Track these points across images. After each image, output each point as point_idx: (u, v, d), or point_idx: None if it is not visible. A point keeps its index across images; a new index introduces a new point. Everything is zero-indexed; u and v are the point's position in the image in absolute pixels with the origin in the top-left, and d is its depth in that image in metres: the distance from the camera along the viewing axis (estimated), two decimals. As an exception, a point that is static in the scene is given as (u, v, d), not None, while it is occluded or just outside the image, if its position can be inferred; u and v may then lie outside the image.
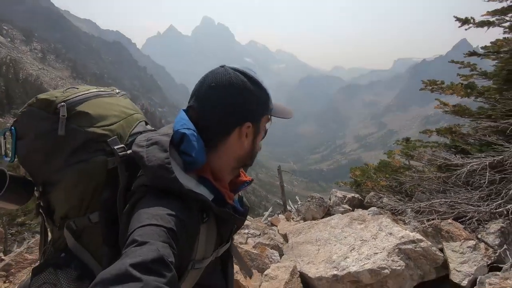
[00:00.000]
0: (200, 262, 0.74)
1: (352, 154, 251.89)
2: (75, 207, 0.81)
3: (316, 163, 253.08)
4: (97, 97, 0.88)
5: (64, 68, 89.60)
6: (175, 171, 0.69)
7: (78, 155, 0.79)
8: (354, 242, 3.31)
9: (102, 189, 0.79)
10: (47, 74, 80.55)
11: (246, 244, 4.18)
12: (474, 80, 4.56)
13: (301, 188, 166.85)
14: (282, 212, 6.98)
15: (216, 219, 0.77)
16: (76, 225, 0.81)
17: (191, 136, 0.76)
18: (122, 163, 0.78)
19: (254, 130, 0.81)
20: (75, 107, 0.81)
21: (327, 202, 4.82)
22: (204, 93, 0.79)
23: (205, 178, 0.77)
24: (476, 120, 3.87)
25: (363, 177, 4.85)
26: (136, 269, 0.48)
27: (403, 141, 4.96)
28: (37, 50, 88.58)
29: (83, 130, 0.80)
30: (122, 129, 0.86)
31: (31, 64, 79.25)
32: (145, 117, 1.01)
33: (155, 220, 0.60)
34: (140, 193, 0.70)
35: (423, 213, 3.35)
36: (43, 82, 69.18)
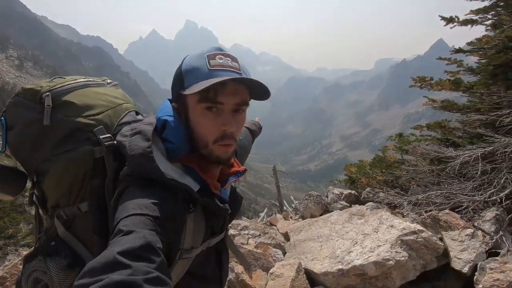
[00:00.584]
0: (188, 251, 0.73)
1: (339, 154, 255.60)
2: (65, 197, 0.81)
3: (304, 163, 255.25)
4: (84, 87, 0.87)
5: (43, 75, 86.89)
6: (157, 160, 0.68)
7: (64, 145, 0.79)
8: (356, 237, 3.37)
9: (90, 179, 0.79)
10: (25, 82, 77.78)
11: (247, 244, 4.17)
12: (461, 76, 4.77)
13: (289, 189, 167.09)
14: (279, 212, 7.02)
15: (204, 209, 0.76)
16: (66, 214, 0.81)
17: (172, 122, 0.76)
18: (109, 153, 0.78)
19: (184, 110, 0.77)
20: (60, 96, 0.81)
21: (325, 199, 4.89)
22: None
23: (191, 168, 0.75)
24: (466, 114, 4.04)
25: (359, 173, 4.95)
26: (124, 256, 0.48)
27: (397, 136, 5.10)
28: (14, 58, 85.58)
29: (68, 120, 0.79)
30: (110, 118, 0.85)
31: (7, 72, 76.49)
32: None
33: (139, 209, 0.60)
34: (126, 182, 0.70)
35: (421, 205, 3.46)
36: (21, 90, 66.70)
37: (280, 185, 8.52)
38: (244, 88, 0.75)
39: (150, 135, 0.72)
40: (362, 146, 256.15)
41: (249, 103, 0.78)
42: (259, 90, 0.77)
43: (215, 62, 0.72)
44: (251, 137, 1.38)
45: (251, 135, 1.39)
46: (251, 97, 0.78)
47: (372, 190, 4.57)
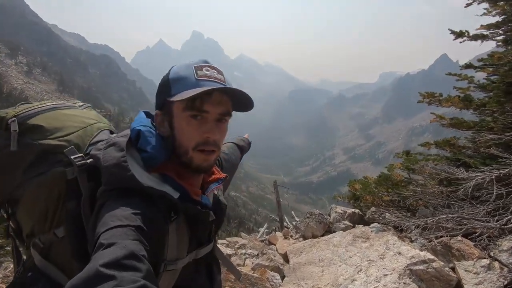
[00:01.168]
0: (173, 263, 0.72)
1: (341, 166, 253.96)
2: (40, 223, 0.79)
3: (306, 175, 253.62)
4: (52, 109, 0.87)
5: (51, 82, 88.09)
6: (132, 169, 0.67)
7: (35, 169, 0.78)
8: (360, 263, 3.13)
9: (65, 201, 0.77)
10: (33, 88, 78.94)
11: (244, 266, 3.93)
12: (470, 92, 4.59)
13: (291, 200, 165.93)
14: (279, 229, 6.76)
15: (187, 217, 0.76)
16: (42, 242, 0.78)
17: (146, 132, 0.76)
18: (83, 173, 0.76)
19: (168, 118, 0.77)
20: (27, 121, 0.80)
21: (327, 218, 4.65)
22: None
23: (168, 176, 0.75)
24: (477, 133, 3.84)
25: (364, 191, 4.72)
26: (108, 268, 0.46)
27: (403, 154, 4.88)
28: (23, 64, 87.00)
29: (37, 143, 0.78)
30: (81, 138, 0.83)
31: (16, 78, 77.64)
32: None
33: (119, 221, 0.59)
34: (103, 198, 0.68)
35: (430, 230, 3.22)
36: (28, 96, 67.64)
37: (281, 198, 8.26)
38: (228, 100, 0.76)
39: (124, 146, 0.71)
40: (365, 159, 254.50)
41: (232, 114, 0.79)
42: (242, 101, 0.78)
43: (202, 73, 0.74)
44: (239, 153, 1.37)
45: (240, 151, 1.38)
46: (234, 108, 0.79)
47: (377, 210, 4.34)
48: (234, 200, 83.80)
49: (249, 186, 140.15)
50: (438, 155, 4.59)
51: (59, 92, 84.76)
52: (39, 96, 74.63)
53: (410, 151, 4.90)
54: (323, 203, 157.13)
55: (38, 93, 77.51)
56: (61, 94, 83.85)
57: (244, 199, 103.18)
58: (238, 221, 56.37)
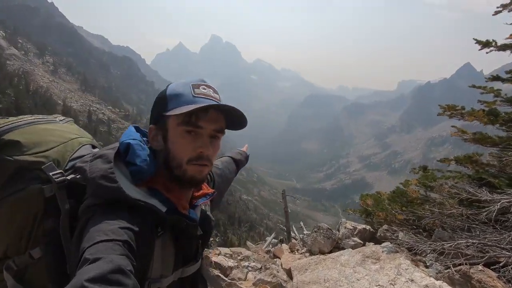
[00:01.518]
0: (157, 281, 0.70)
1: (356, 174, 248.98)
2: (14, 244, 0.75)
3: (319, 181, 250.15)
4: (30, 124, 0.84)
5: (74, 81, 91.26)
6: (119, 181, 0.66)
7: (10, 186, 0.74)
8: (369, 287, 2.91)
9: (42, 220, 0.74)
10: (57, 86, 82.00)
11: (246, 280, 3.77)
12: (497, 106, 4.26)
13: (303, 206, 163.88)
14: (285, 241, 6.55)
15: (173, 233, 0.74)
16: (17, 264, 0.75)
17: (136, 145, 0.75)
18: (62, 189, 0.73)
19: (162, 132, 0.76)
20: (2, 136, 0.78)
21: (336, 234, 4.42)
22: None
23: (156, 190, 0.74)
24: (504, 150, 3.53)
25: (376, 207, 4.46)
26: (93, 283, 0.45)
27: (420, 169, 4.58)
28: (49, 63, 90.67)
29: (12, 159, 0.75)
30: (61, 154, 0.81)
31: (42, 77, 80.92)
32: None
33: (105, 235, 0.57)
34: (87, 214, 0.66)
35: (447, 256, 2.95)
36: (53, 94, 70.31)
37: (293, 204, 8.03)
38: (222, 117, 0.77)
39: (111, 158, 0.70)
40: (381, 168, 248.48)
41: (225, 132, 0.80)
42: (237, 119, 0.79)
43: (199, 90, 0.76)
44: (235, 167, 1.34)
45: (236, 165, 1.35)
46: (228, 126, 0.81)
47: (390, 228, 4.08)
48: (246, 203, 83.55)
49: (261, 190, 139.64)
50: (459, 173, 4.27)
51: (81, 91, 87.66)
52: (63, 95, 77.47)
53: (428, 167, 4.60)
54: (335, 211, 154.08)
55: (62, 92, 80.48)
56: (83, 93, 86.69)
57: (255, 203, 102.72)
58: (248, 225, 56.09)
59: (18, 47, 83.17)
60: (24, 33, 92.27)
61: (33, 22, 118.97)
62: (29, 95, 58.53)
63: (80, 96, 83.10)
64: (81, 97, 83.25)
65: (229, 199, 72.27)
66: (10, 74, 59.06)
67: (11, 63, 70.94)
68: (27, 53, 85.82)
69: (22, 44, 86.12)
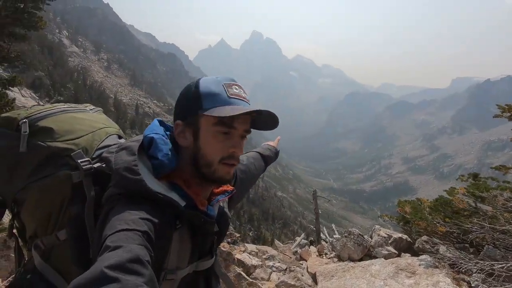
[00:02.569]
0: (173, 272, 0.72)
1: (399, 177, 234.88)
2: (43, 225, 0.79)
3: (358, 182, 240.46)
4: (63, 112, 0.88)
5: (124, 76, 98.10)
6: (142, 173, 0.68)
7: (41, 171, 0.78)
8: (400, 304, 2.66)
9: (69, 205, 0.77)
10: (109, 81, 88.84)
11: (269, 280, 3.69)
12: None
13: (339, 207, 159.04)
14: (314, 243, 6.33)
15: (190, 227, 0.76)
16: (44, 244, 0.79)
17: (159, 139, 0.77)
18: (88, 177, 0.77)
19: (193, 129, 0.77)
20: (37, 122, 0.81)
21: (368, 240, 4.14)
22: None
23: (176, 184, 0.76)
24: None
25: (415, 215, 4.07)
26: (112, 270, 0.47)
27: (469, 177, 4.06)
28: (104, 60, 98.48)
29: (45, 145, 0.79)
30: (88, 142, 0.84)
31: (97, 72, 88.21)
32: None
33: (126, 225, 0.59)
34: (111, 203, 0.69)
35: (498, 278, 2.58)
36: (106, 88, 76.33)
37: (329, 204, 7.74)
38: (249, 118, 0.79)
39: (136, 150, 0.73)
40: (428, 172, 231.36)
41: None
42: (270, 121, 0.81)
43: (233, 91, 0.77)
44: (262, 164, 1.30)
45: (264, 161, 1.31)
46: (258, 127, 0.84)
47: (430, 240, 3.70)
48: (280, 200, 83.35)
49: (296, 188, 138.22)
50: (518, 183, 3.71)
51: (130, 86, 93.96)
52: (114, 89, 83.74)
53: (479, 174, 4.07)
54: (374, 214, 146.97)
55: (114, 86, 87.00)
56: (132, 88, 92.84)
57: (290, 200, 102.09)
58: (282, 222, 55.94)
59: (78, 45, 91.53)
60: (84, 32, 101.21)
61: (91, 22, 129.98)
62: (85, 89, 64.18)
63: (129, 91, 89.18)
64: (130, 91, 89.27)
65: (264, 194, 72.68)
66: (71, 69, 65.23)
67: (72, 60, 78.34)
68: (85, 50, 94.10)
69: (82, 43, 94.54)
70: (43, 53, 53.68)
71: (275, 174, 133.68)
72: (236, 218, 43.87)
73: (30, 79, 38.25)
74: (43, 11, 10.76)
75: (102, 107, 1.00)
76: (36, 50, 49.13)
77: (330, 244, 4.97)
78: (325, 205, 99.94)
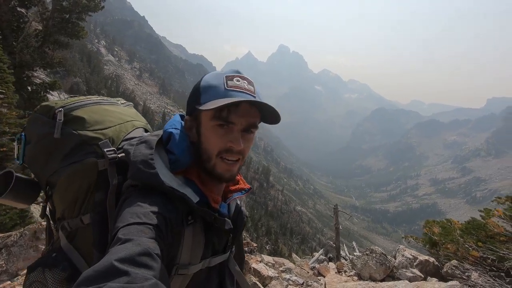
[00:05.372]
0: (185, 267, 0.72)
1: (426, 199, 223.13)
2: (70, 208, 0.83)
3: (382, 202, 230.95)
4: (96, 104, 0.92)
5: (154, 85, 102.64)
6: (157, 167, 0.70)
7: (71, 157, 0.82)
8: (425, 330, 2.47)
9: (94, 191, 0.81)
10: (140, 89, 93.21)
11: (284, 293, 3.58)
12: None
13: (361, 226, 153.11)
14: (333, 259, 6.09)
15: (204, 223, 0.77)
16: (70, 226, 0.83)
17: (177, 135, 0.79)
18: (112, 165, 0.80)
19: (196, 125, 0.78)
20: (71, 112, 0.86)
21: (391, 260, 3.92)
22: None
23: (191, 180, 0.77)
24: None
25: (445, 237, 3.81)
26: (122, 263, 0.48)
27: (507, 199, 3.77)
28: (136, 69, 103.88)
29: (76, 133, 0.83)
30: (116, 133, 0.88)
31: (130, 80, 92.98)
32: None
33: (138, 218, 0.60)
34: (127, 193, 0.71)
35: (538, 312, 2.33)
36: (136, 96, 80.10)
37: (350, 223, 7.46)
38: (256, 111, 0.77)
39: (154, 145, 0.74)
40: (458, 195, 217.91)
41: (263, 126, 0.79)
42: (271, 114, 0.78)
43: (233, 83, 0.75)
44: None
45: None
46: (264, 120, 0.81)
47: (460, 265, 3.44)
48: (300, 215, 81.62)
49: (316, 203, 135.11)
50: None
51: (159, 94, 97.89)
52: (144, 96, 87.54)
53: (518, 197, 3.76)
54: (398, 236, 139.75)
55: (144, 94, 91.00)
56: (160, 96, 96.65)
57: (310, 216, 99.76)
58: (301, 237, 54.54)
59: (114, 54, 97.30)
60: (120, 42, 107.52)
61: (128, 33, 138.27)
62: (118, 95, 67.68)
63: (157, 99, 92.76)
64: (158, 99, 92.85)
65: (283, 208, 71.59)
66: (106, 77, 69.34)
67: (107, 68, 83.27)
68: (120, 59, 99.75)
69: (117, 52, 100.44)
70: (82, 60, 57.68)
71: (295, 188, 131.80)
72: (253, 230, 43.43)
73: (68, 85, 41.06)
74: (85, 21, 11.66)
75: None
76: (76, 57, 52.83)
77: (350, 262, 4.76)
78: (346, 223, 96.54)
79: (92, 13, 11.57)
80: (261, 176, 75.70)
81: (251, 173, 72.85)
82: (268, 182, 77.65)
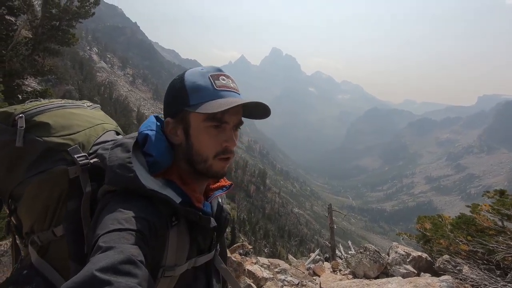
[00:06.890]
0: (171, 269, 0.70)
1: (422, 197, 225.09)
2: (39, 221, 0.78)
3: (378, 201, 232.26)
4: (60, 108, 0.87)
5: (148, 91, 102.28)
6: (136, 170, 0.67)
7: (38, 166, 0.77)
8: (417, 325, 2.50)
9: (66, 200, 0.76)
10: (134, 95, 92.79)
11: (279, 294, 3.59)
12: None
13: (358, 227, 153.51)
14: (329, 259, 6.11)
15: (188, 223, 0.75)
16: (41, 240, 0.78)
17: (154, 136, 0.76)
18: (85, 172, 0.76)
19: (183, 127, 0.75)
20: (33, 117, 0.80)
21: (385, 258, 3.96)
22: None
23: (172, 181, 0.74)
24: None
25: (435, 233, 3.86)
26: (104, 273, 0.46)
27: (496, 193, 3.84)
28: (129, 75, 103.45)
29: (41, 140, 0.78)
30: (86, 138, 0.83)
31: (123, 87, 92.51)
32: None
33: (119, 224, 0.58)
34: (105, 200, 0.68)
35: (527, 302, 2.38)
36: (130, 102, 79.65)
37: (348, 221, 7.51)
38: (241, 109, 0.77)
39: (130, 147, 0.72)
40: (453, 192, 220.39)
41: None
42: (261, 111, 0.79)
43: (220, 82, 0.74)
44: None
45: None
46: (252, 116, 0.81)
47: (452, 260, 3.49)
48: (297, 217, 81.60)
49: (313, 205, 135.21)
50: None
51: (153, 99, 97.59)
52: (138, 102, 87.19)
53: (507, 191, 3.83)
54: (394, 237, 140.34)
55: (137, 100, 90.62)
56: (154, 101, 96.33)
57: (307, 217, 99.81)
58: (299, 239, 54.45)
59: (106, 61, 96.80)
60: (112, 49, 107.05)
61: (120, 39, 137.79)
62: (111, 102, 67.22)
63: (151, 104, 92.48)
64: (152, 105, 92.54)
65: (280, 210, 71.53)
66: (98, 84, 68.84)
67: (100, 74, 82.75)
68: (112, 66, 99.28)
69: (110, 59, 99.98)
70: (74, 68, 57.22)
71: (292, 190, 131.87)
72: (251, 233, 43.26)
73: (60, 92, 40.70)
74: (75, 29, 11.60)
75: (126, 119, 0.88)
76: (68, 65, 52.45)
77: (345, 260, 4.79)
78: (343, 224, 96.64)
79: (82, 20, 11.53)
80: (257, 179, 75.60)
81: (248, 176, 72.71)
82: (264, 185, 77.58)
